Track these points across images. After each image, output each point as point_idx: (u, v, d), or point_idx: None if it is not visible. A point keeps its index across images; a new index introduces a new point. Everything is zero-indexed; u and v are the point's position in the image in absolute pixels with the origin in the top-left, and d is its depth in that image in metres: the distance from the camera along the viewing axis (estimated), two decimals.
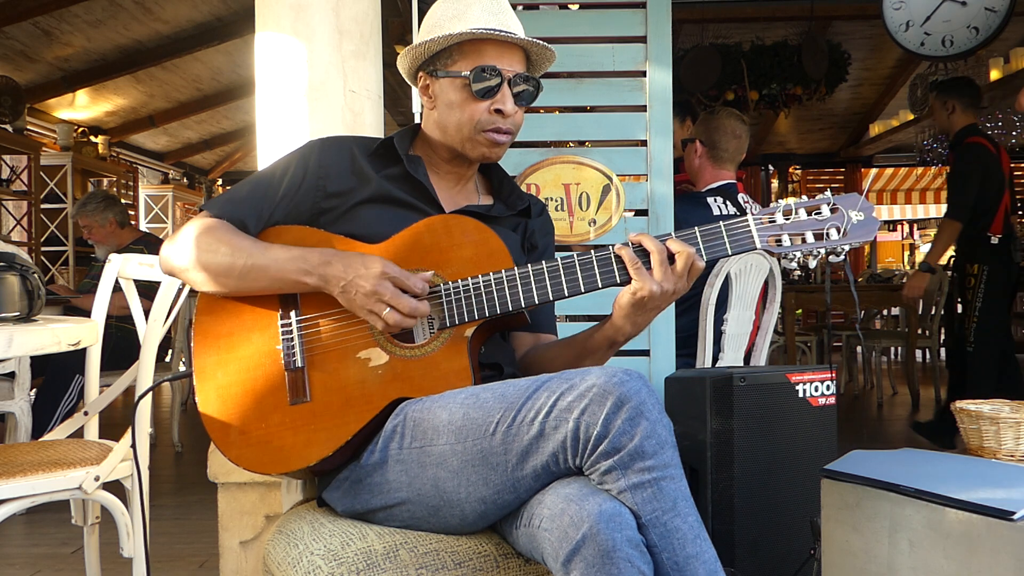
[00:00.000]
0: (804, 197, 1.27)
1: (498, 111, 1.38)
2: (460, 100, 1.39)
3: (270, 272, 1.29)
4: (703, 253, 1.27)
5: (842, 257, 1.25)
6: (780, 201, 1.27)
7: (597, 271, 1.28)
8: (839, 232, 1.24)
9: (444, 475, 1.18)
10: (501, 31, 1.37)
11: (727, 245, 1.26)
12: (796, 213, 1.25)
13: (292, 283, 1.29)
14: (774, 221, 1.25)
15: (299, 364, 1.29)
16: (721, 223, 1.27)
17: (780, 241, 1.25)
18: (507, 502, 1.16)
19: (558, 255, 1.31)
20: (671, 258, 1.25)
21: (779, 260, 1.28)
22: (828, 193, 1.27)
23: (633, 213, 2.56)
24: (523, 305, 1.29)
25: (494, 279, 1.29)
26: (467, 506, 1.17)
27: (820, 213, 1.25)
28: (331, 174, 1.40)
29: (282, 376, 1.29)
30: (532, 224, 1.54)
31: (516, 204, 1.51)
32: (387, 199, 1.40)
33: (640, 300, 1.27)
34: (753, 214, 1.26)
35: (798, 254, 1.25)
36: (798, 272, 1.27)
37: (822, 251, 1.24)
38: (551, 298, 1.29)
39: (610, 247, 1.29)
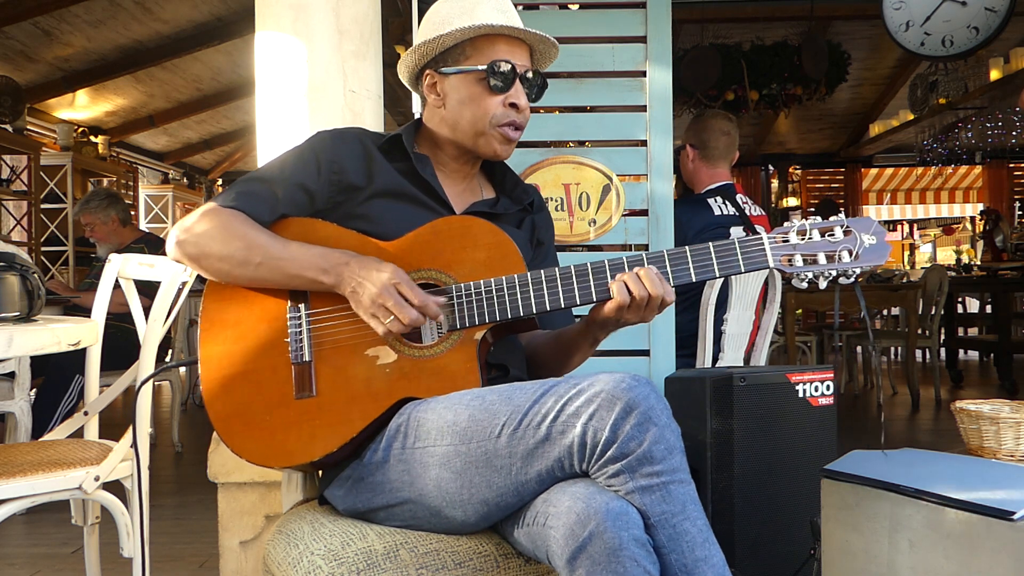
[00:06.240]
0: (818, 217, 1.27)
1: (512, 105, 1.40)
2: (474, 95, 1.39)
3: (288, 268, 1.29)
4: (716, 269, 1.27)
5: (852, 280, 1.25)
6: (795, 220, 1.27)
7: (610, 281, 1.28)
8: (851, 255, 1.24)
9: (447, 476, 1.18)
10: (517, 27, 1.39)
11: (740, 262, 1.26)
12: (810, 234, 1.25)
13: (309, 280, 1.29)
14: (788, 241, 1.26)
15: (306, 358, 1.29)
16: (736, 240, 1.27)
17: (792, 261, 1.25)
18: (510, 504, 1.16)
19: (571, 263, 1.31)
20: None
21: (790, 279, 1.29)
22: (842, 215, 1.27)
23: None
24: (534, 311, 1.29)
25: (507, 283, 1.29)
26: (469, 507, 1.17)
27: (833, 235, 1.25)
28: (345, 168, 1.39)
29: (288, 369, 1.29)
30: (537, 219, 1.55)
31: (521, 198, 1.52)
32: (400, 194, 1.40)
33: (619, 324, 1.32)
34: (768, 233, 1.27)
35: (809, 274, 1.25)
36: (804, 285, 1.27)
37: (834, 272, 1.24)
38: (563, 305, 1.29)
39: (605, 264, 1.29)
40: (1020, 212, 9.35)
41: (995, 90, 6.74)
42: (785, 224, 1.27)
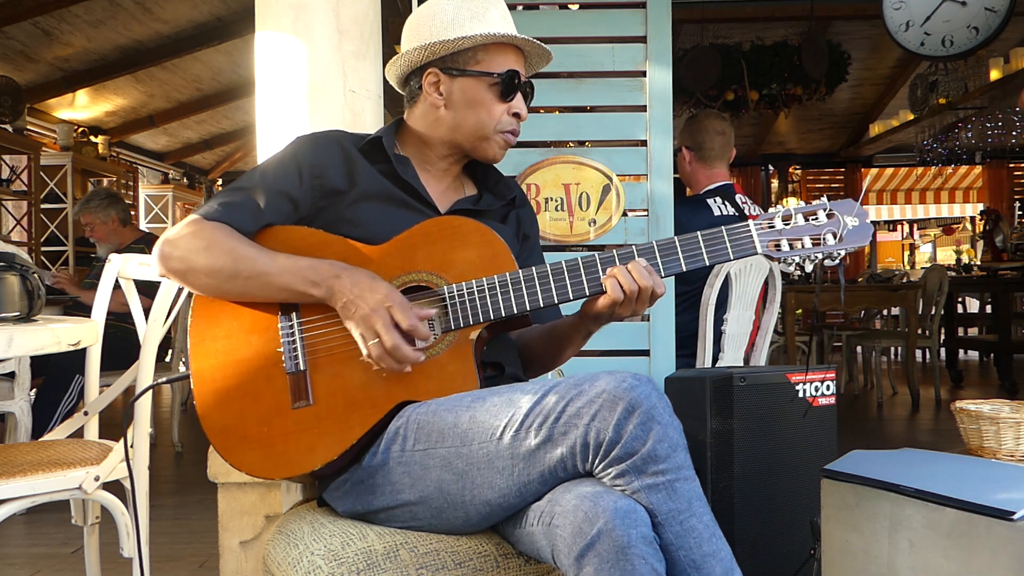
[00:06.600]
0: (802, 203, 1.30)
1: (515, 115, 1.43)
2: (483, 100, 1.41)
3: (276, 281, 1.27)
4: (706, 258, 1.28)
5: (837, 261, 1.28)
6: (779, 206, 1.30)
7: (601, 275, 1.29)
8: (835, 237, 1.27)
9: (448, 478, 1.17)
10: (529, 39, 1.42)
11: (729, 250, 1.28)
12: (794, 218, 1.28)
13: (298, 293, 1.28)
14: (773, 226, 1.28)
15: (301, 367, 1.29)
16: (723, 228, 1.28)
17: (779, 246, 1.28)
18: (512, 505, 1.16)
19: (562, 258, 1.32)
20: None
21: (777, 264, 1.32)
22: (824, 199, 1.30)
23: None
24: (528, 308, 1.29)
25: (499, 281, 1.29)
26: (472, 508, 1.17)
27: (817, 218, 1.28)
28: (327, 172, 1.39)
29: (283, 379, 1.28)
30: (521, 213, 1.55)
31: (504, 193, 1.52)
32: (384, 196, 1.40)
33: (612, 318, 1.33)
34: (754, 220, 1.29)
35: (796, 258, 1.27)
36: (797, 273, 1.30)
37: (819, 255, 1.27)
38: (556, 301, 1.29)
39: (596, 259, 1.30)
40: (1020, 212, 9.35)
41: (995, 90, 6.74)
42: (770, 210, 1.30)
